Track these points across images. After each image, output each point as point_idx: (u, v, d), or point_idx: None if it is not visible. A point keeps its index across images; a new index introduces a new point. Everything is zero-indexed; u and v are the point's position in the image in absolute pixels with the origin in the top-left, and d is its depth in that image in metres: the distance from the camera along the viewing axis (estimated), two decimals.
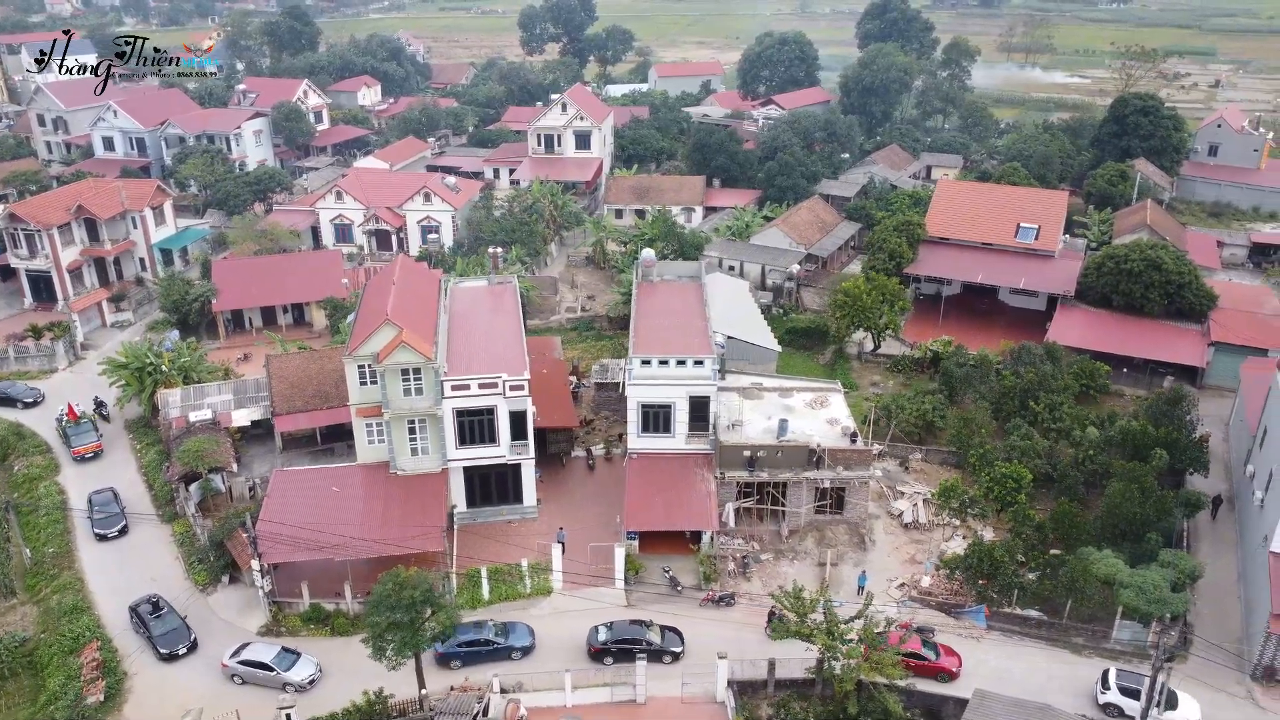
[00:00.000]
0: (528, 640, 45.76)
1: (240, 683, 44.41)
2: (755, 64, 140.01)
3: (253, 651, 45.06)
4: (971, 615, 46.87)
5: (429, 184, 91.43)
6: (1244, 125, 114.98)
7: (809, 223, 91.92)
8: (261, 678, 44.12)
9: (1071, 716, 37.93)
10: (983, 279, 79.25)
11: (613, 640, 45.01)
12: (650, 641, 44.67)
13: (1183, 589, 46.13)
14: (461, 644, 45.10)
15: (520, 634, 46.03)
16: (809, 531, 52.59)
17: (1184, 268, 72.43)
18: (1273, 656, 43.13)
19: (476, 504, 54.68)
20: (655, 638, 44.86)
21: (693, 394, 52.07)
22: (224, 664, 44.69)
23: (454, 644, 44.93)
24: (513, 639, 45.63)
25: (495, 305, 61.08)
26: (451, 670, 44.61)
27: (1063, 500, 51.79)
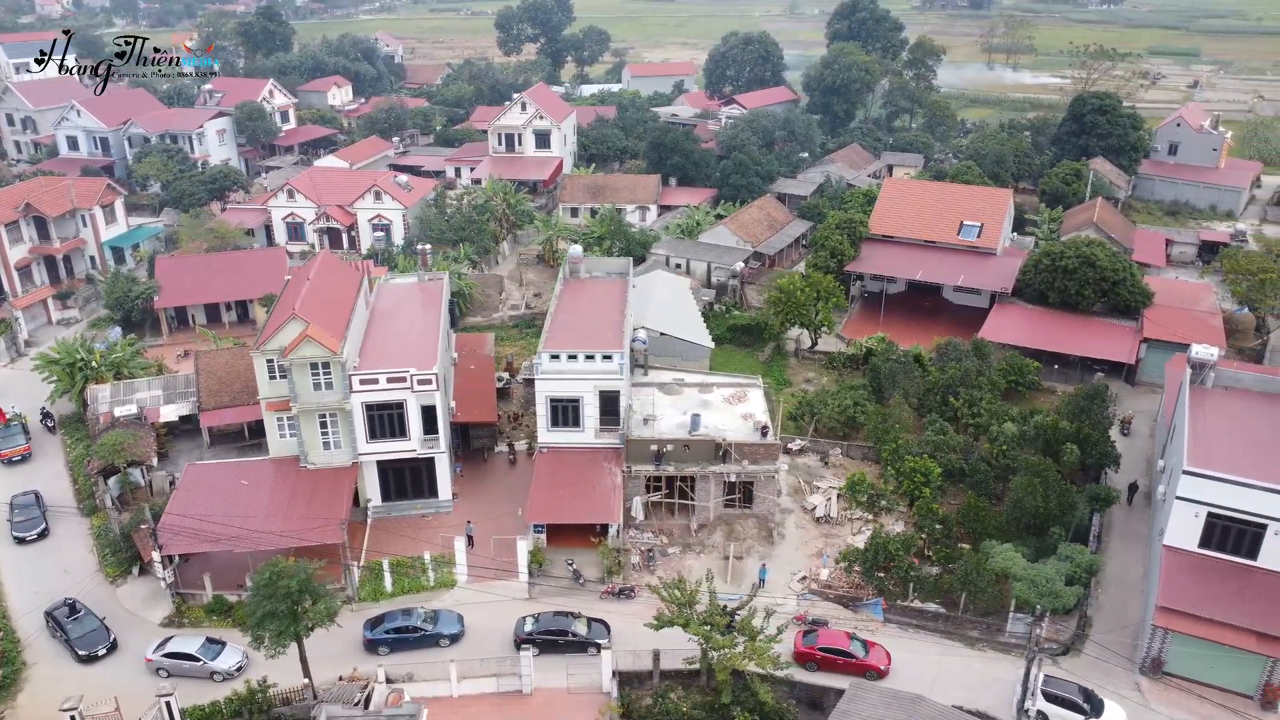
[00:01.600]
0: (456, 628, 46.14)
1: (165, 675, 44.65)
2: (720, 64, 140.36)
3: (177, 644, 45.37)
4: (869, 608, 47.09)
5: (379, 182, 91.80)
6: (1203, 125, 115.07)
7: (758, 221, 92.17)
8: (187, 668, 44.41)
9: (943, 707, 38.03)
10: (922, 276, 79.47)
11: (539, 631, 45.31)
12: (576, 633, 44.93)
13: (1076, 583, 46.38)
14: (389, 631, 45.66)
15: (449, 621, 46.41)
16: (718, 525, 52.83)
17: (1119, 265, 72.58)
18: (1160, 649, 43.28)
19: (391, 498, 55.02)
20: (581, 629, 45.12)
21: (602, 388, 52.34)
22: (148, 659, 44.92)
23: (382, 631, 45.65)
24: (441, 626, 46.05)
25: (419, 301, 61.43)
26: (380, 656, 45.05)
27: (970, 494, 52.04)
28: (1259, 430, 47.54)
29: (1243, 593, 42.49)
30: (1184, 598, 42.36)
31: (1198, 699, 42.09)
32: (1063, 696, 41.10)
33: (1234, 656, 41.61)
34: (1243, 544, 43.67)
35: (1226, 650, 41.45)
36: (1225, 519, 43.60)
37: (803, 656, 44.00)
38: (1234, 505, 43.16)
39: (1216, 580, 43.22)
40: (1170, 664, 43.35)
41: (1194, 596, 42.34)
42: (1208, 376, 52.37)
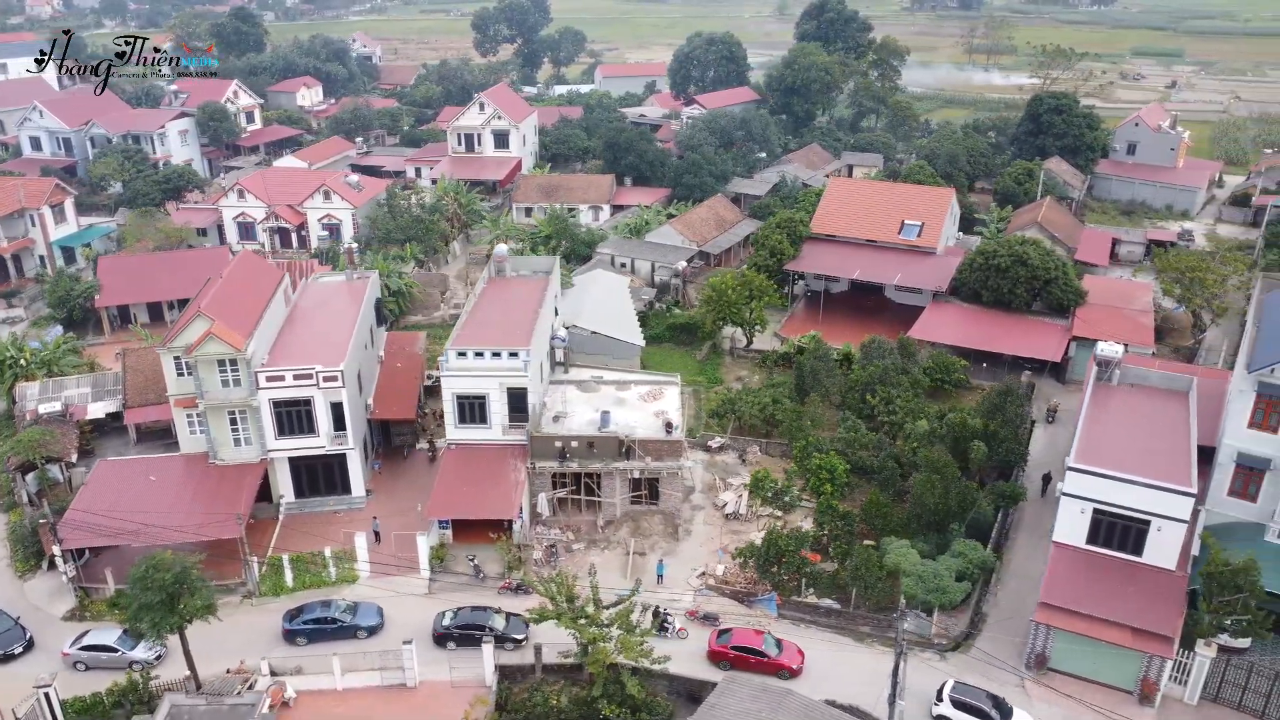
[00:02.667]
0: (375, 620, 46.47)
1: (84, 669, 44.95)
2: (685, 64, 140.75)
3: (94, 636, 45.63)
4: (764, 603, 47.31)
5: (328, 182, 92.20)
6: (1161, 125, 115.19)
7: (706, 220, 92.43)
8: (105, 660, 44.67)
9: (811, 701, 38.25)
10: (860, 275, 79.70)
11: (456, 625, 45.58)
12: (493, 628, 45.18)
13: (968, 579, 46.62)
14: (307, 622, 46.07)
15: (368, 614, 46.74)
16: (625, 522, 53.10)
17: (1051, 264, 72.73)
18: (1044, 646, 43.46)
19: (305, 494, 55.36)
20: (499, 624, 45.35)
21: (510, 386, 52.64)
22: (65, 653, 45.15)
23: (300, 622, 46.11)
24: (359, 618, 46.37)
25: (341, 300, 61.78)
26: (298, 647, 45.41)
27: (873, 491, 52.27)
28: (1154, 427, 47.72)
29: (1125, 589, 42.67)
30: (1064, 594, 42.55)
31: (1079, 695, 42.28)
32: (971, 704, 40.63)
33: (1114, 653, 41.77)
34: (1128, 540, 43.88)
35: (1106, 646, 41.62)
36: (1111, 515, 43.81)
37: (716, 655, 44.21)
38: (1119, 502, 43.34)
39: (1101, 577, 43.40)
40: (1054, 660, 43.54)
41: (1074, 593, 42.53)
42: (1113, 374, 52.71)
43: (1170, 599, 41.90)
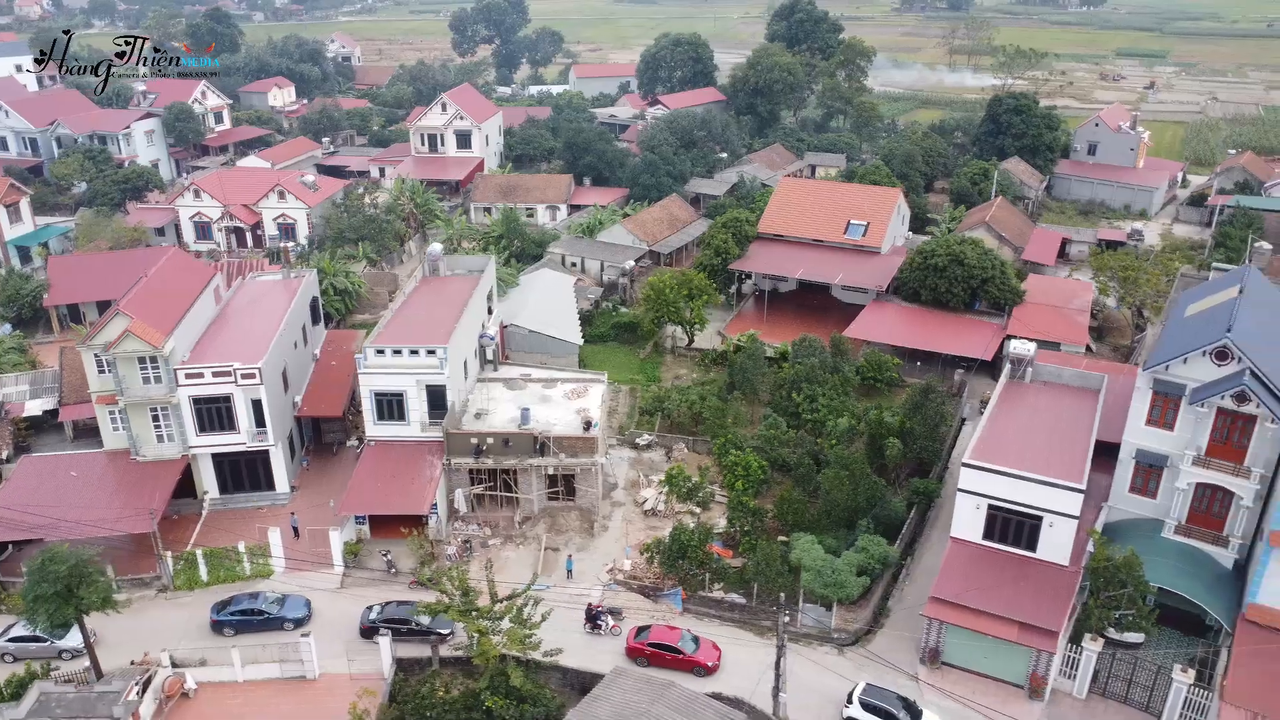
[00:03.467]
0: (303, 612, 47.07)
1: (12, 660, 45.50)
2: (652, 65, 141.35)
3: (21, 628, 46.12)
4: (669, 598, 47.83)
5: (283, 182, 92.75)
6: (1121, 125, 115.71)
7: (659, 220, 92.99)
8: (34, 650, 45.21)
9: (692, 693, 38.77)
10: (803, 275, 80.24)
11: (382, 620, 46.12)
12: (419, 623, 45.69)
13: (869, 574, 47.14)
14: (235, 613, 46.72)
15: (295, 606, 47.34)
16: (543, 518, 53.64)
17: (988, 263, 73.23)
18: (936, 640, 43.95)
19: (229, 490, 55.91)
20: (424, 619, 45.86)
21: (429, 383, 53.18)
22: None
23: (228, 613, 46.76)
24: (286, 610, 46.97)
25: (273, 299, 62.31)
26: (225, 637, 45.96)
27: (786, 487, 52.80)
28: (1057, 425, 48.21)
29: (1017, 585, 43.18)
30: (954, 589, 43.06)
31: (971, 689, 42.80)
32: (880, 706, 40.69)
33: (1003, 647, 42.24)
34: (1022, 536, 44.43)
35: (995, 641, 42.12)
36: (1005, 511, 44.35)
37: (634, 652, 44.71)
38: (1012, 498, 43.88)
39: (994, 572, 43.91)
40: (947, 654, 44.03)
41: (962, 588, 43.04)
42: (1025, 372, 53.26)
43: (1059, 594, 42.40)
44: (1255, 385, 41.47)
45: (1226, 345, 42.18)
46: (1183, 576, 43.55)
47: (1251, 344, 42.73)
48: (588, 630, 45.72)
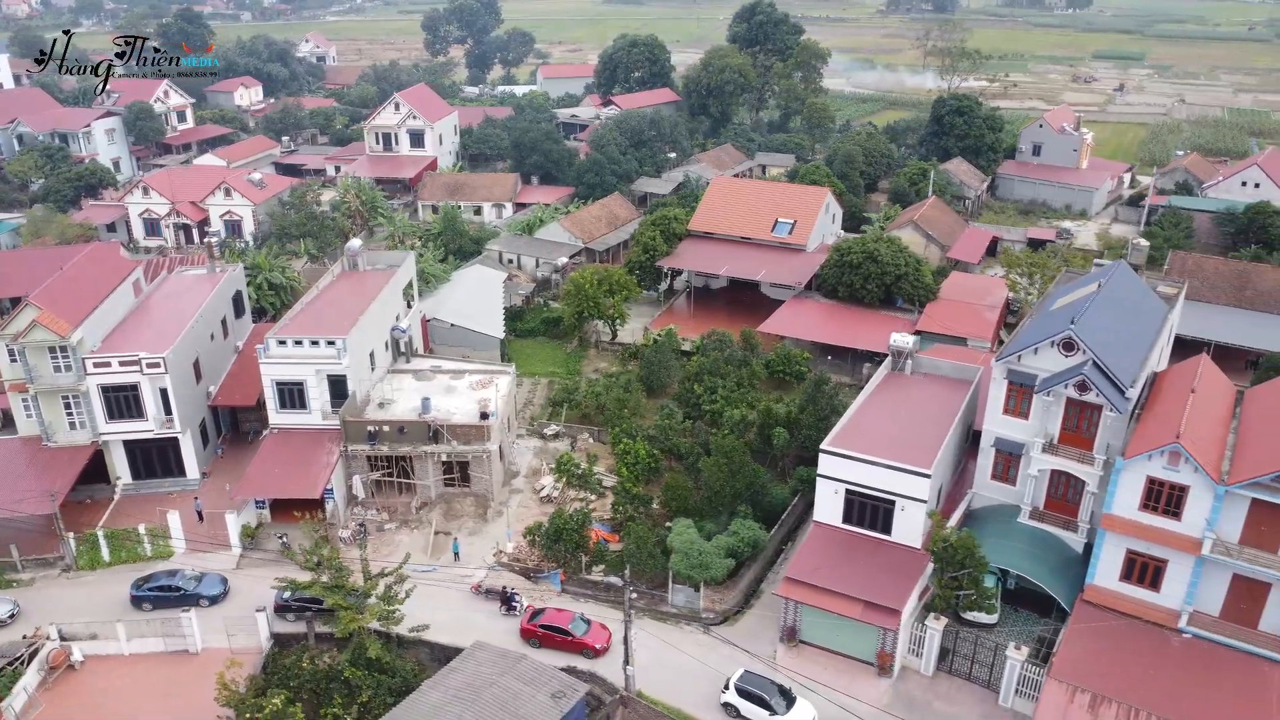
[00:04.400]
0: (219, 589, 48.91)
1: None
2: (610, 65, 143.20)
3: None
4: (548, 579, 49.72)
5: (229, 180, 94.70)
6: (1065, 126, 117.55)
7: (597, 218, 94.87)
8: None
9: (543, 665, 40.66)
10: (726, 271, 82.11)
11: (295, 599, 47.81)
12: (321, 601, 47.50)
13: (740, 556, 49.01)
14: (153, 589, 48.56)
15: (211, 584, 49.17)
16: (439, 503, 55.56)
17: (901, 260, 75.10)
18: (793, 619, 45.79)
19: (141, 476, 57.86)
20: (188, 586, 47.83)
21: (329, 373, 55.08)
22: None
23: (147, 589, 48.58)
24: (203, 588, 48.78)
25: (193, 293, 64.23)
26: (143, 611, 47.79)
27: (671, 475, 54.65)
28: (924, 413, 50.03)
29: (868, 565, 45.04)
30: (806, 569, 44.92)
31: (824, 665, 44.62)
32: (755, 693, 41.81)
33: (853, 625, 44.04)
34: (877, 520, 46.33)
35: (845, 619, 43.95)
36: (861, 496, 46.26)
37: (526, 633, 46.56)
38: (867, 483, 45.80)
39: (849, 554, 45.78)
40: (804, 633, 45.86)
41: (815, 568, 44.90)
42: (905, 363, 55.14)
43: (906, 575, 44.23)
44: (1096, 376, 43.26)
45: (1071, 337, 43.99)
46: (1030, 560, 45.40)
47: (1098, 337, 44.57)
48: (503, 612, 47.57)
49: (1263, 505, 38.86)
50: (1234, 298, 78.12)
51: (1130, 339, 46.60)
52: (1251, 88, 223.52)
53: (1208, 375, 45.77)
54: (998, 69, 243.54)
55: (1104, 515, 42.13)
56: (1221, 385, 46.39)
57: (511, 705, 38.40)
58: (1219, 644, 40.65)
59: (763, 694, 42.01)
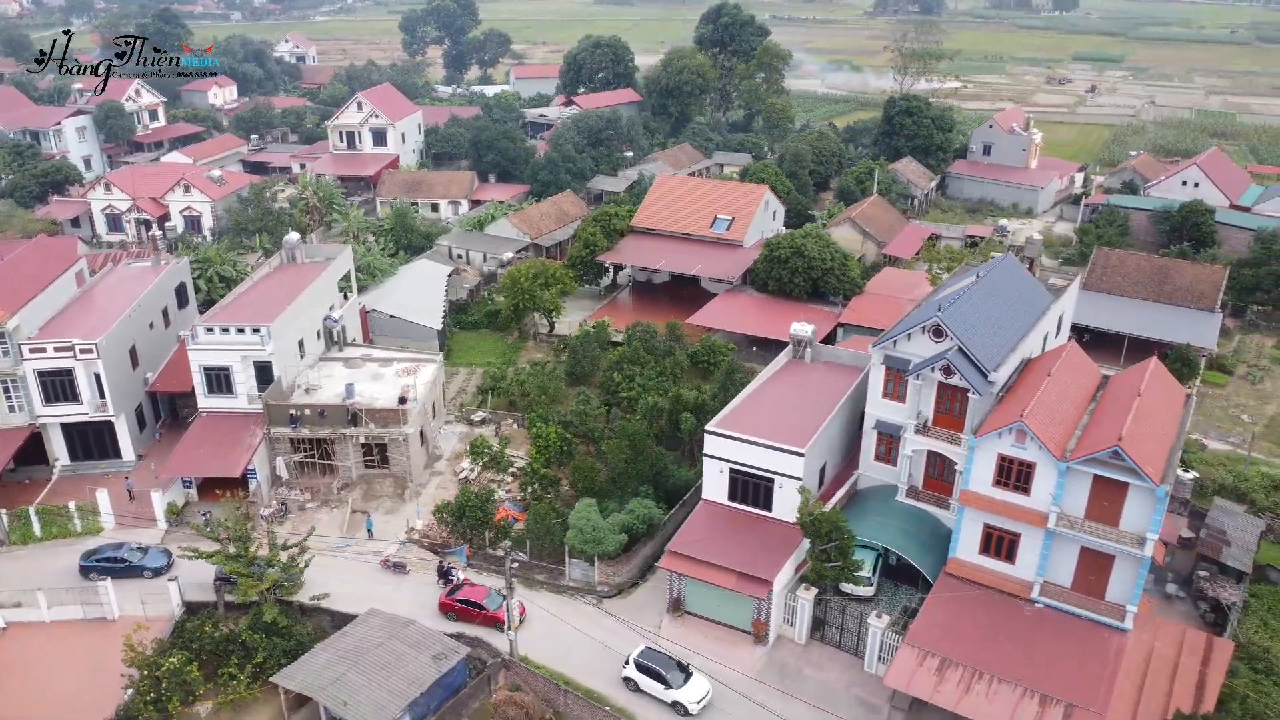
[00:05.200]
0: (162, 562, 51.28)
1: None
2: (574, 66, 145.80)
3: None
4: (455, 554, 52.26)
5: (188, 176, 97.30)
6: (1014, 127, 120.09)
7: (546, 215, 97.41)
8: None
9: (428, 630, 43.26)
10: (662, 266, 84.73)
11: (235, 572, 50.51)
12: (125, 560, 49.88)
13: (635, 533, 51.53)
14: (100, 560, 50.96)
15: (156, 556, 51.60)
16: (360, 484, 58.12)
17: (828, 255, 77.64)
18: (678, 590, 48.31)
19: (79, 458, 60.42)
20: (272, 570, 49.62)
21: (255, 359, 57.65)
22: None
23: (94, 560, 51.01)
24: (147, 560, 51.21)
25: (134, 283, 66.82)
26: (91, 581, 49.89)
27: (578, 457, 57.21)
28: (813, 398, 52.53)
29: (748, 539, 47.57)
30: (687, 543, 47.45)
31: (705, 634, 47.14)
32: (653, 668, 43.77)
33: (731, 596, 46.52)
34: (759, 497, 48.86)
35: (723, 590, 46.44)
36: (744, 474, 48.81)
37: (444, 607, 49.04)
38: (749, 462, 48.33)
39: (733, 529, 48.29)
40: (688, 604, 48.40)
41: (696, 542, 47.44)
42: (805, 351, 57.72)
43: (781, 548, 46.73)
44: (960, 360, 45.76)
45: (939, 323, 46.57)
46: (903, 536, 47.91)
47: (966, 324, 47.11)
48: (440, 585, 49.93)
49: (1104, 481, 41.40)
50: (1153, 292, 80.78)
51: (1001, 326, 49.04)
52: (1223, 90, 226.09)
53: (1073, 361, 48.34)
54: (972, 70, 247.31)
55: (962, 491, 44.70)
56: (1087, 371, 48.94)
57: (393, 664, 41.03)
58: (1068, 613, 43.23)
59: (660, 669, 43.99)
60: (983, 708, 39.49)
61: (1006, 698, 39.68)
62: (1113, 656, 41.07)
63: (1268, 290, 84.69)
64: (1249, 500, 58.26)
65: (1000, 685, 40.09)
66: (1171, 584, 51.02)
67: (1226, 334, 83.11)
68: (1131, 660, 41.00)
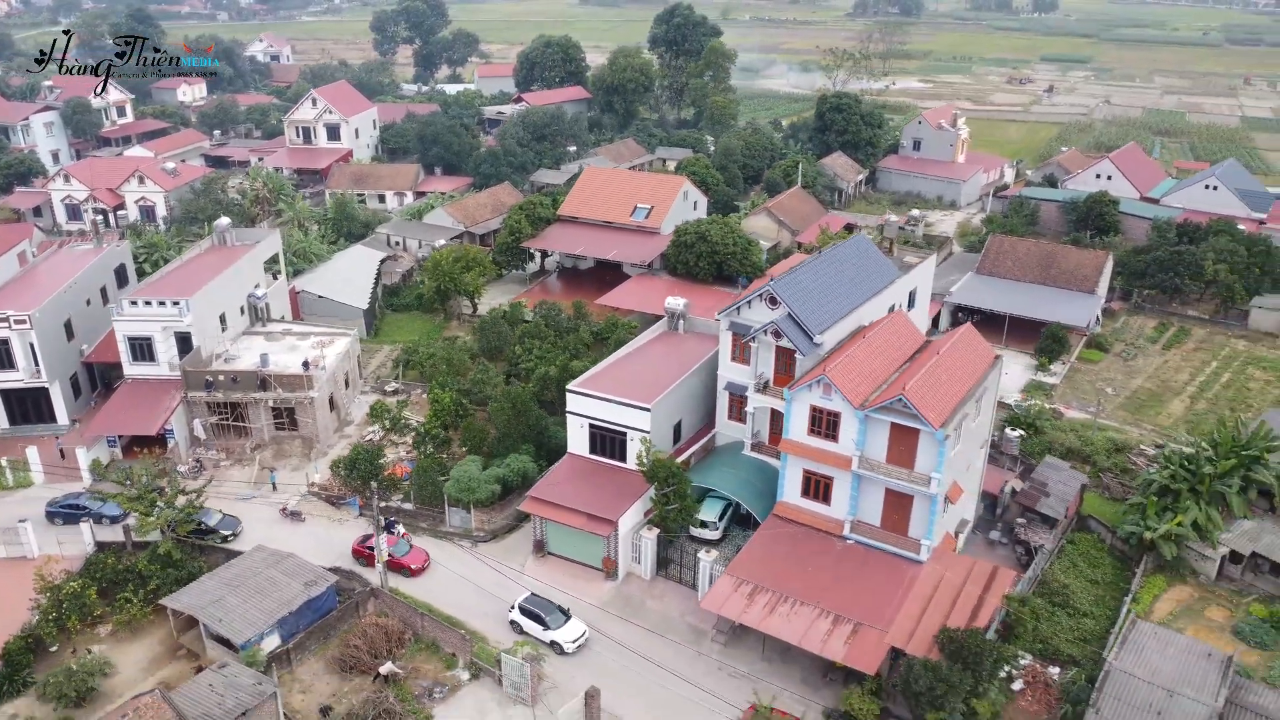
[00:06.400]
0: (119, 510, 55.66)
1: None
2: (527, 64, 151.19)
3: None
4: (348, 505, 57.59)
5: (142, 168, 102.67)
6: (942, 123, 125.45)
7: (482, 205, 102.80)
8: None
9: (306, 563, 48.57)
10: (581, 251, 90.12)
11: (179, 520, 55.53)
12: (208, 523, 54.32)
13: (510, 484, 56.86)
14: (64, 506, 56.18)
15: (113, 506, 55.95)
16: (271, 444, 63.46)
17: (730, 240, 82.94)
18: (541, 534, 53.59)
19: (16, 422, 65.75)
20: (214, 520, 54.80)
21: (176, 330, 62.99)
22: None
23: (58, 506, 56.20)
24: (105, 508, 56.03)
25: (72, 264, 72.19)
26: (54, 525, 55.15)
27: (471, 417, 62.55)
28: (674, 362, 57.81)
29: (602, 487, 52.82)
30: (546, 489, 52.76)
31: (563, 572, 52.43)
32: (535, 611, 48.45)
33: (585, 537, 51.83)
34: (614, 449, 54.15)
35: (578, 531, 51.73)
36: (602, 429, 54.11)
37: (356, 553, 54.26)
38: (605, 418, 53.64)
39: (590, 478, 53.58)
40: (550, 545, 53.72)
41: (553, 487, 52.77)
42: (679, 323, 63.09)
43: (629, 494, 51.96)
44: (788, 325, 51.09)
45: (772, 291, 51.90)
46: (742, 485, 53.18)
47: (797, 293, 52.41)
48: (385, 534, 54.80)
49: (900, 428, 46.64)
50: (1040, 276, 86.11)
51: (835, 296, 54.31)
52: (1180, 90, 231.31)
53: (894, 326, 53.65)
54: (939, 70, 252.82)
55: (783, 440, 49.98)
56: (910, 335, 54.16)
57: (268, 589, 46.40)
58: (874, 547, 48.53)
59: (540, 612, 48.67)
60: (783, 626, 44.78)
61: (805, 617, 44.95)
62: (906, 584, 46.35)
63: (1153, 275, 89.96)
64: (1091, 461, 63.65)
65: (802, 607, 45.39)
66: (995, 531, 56.35)
67: (1113, 315, 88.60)
68: (922, 587, 46.26)
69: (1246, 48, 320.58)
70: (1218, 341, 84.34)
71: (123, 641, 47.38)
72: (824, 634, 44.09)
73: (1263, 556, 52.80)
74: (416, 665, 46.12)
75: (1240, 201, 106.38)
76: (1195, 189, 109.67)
